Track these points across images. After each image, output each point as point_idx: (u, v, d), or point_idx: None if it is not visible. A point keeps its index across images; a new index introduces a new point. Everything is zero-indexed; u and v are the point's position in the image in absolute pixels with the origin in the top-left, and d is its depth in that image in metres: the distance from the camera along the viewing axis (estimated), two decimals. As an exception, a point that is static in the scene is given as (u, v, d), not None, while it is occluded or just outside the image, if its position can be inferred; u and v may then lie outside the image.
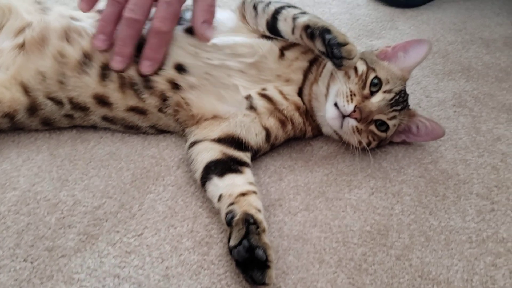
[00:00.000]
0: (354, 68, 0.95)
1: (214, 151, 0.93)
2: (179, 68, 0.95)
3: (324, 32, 0.86)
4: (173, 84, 0.95)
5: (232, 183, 0.88)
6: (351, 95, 0.92)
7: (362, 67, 0.96)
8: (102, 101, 0.95)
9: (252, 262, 0.75)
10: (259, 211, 0.84)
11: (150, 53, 0.91)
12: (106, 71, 0.93)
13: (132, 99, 0.95)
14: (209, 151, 0.93)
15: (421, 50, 1.01)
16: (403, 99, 0.98)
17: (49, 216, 0.86)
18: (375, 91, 0.95)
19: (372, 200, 0.94)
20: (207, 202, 0.91)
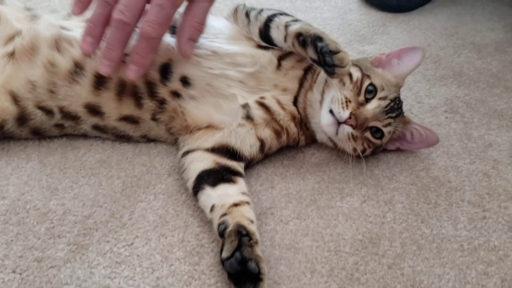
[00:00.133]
0: (349, 75, 0.95)
1: (207, 161, 0.93)
2: (184, 81, 0.94)
3: (316, 39, 0.86)
4: (175, 93, 0.95)
5: (224, 193, 0.88)
6: (346, 102, 0.92)
7: (357, 74, 0.96)
8: (94, 110, 0.94)
9: (245, 275, 0.75)
10: (252, 222, 0.83)
11: (137, 58, 0.85)
12: (101, 79, 0.92)
13: (129, 107, 0.94)
14: (202, 161, 0.93)
15: (414, 57, 1.02)
16: (398, 106, 0.98)
17: (38, 226, 0.85)
18: (370, 98, 0.95)
19: (364, 208, 0.94)
20: (198, 211, 0.90)
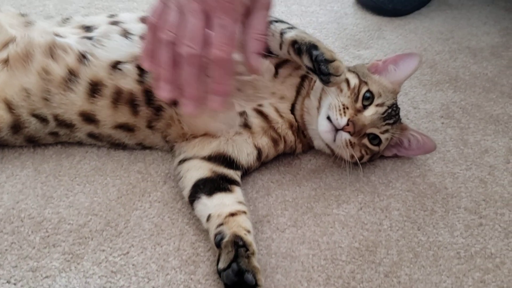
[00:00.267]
0: (347, 81, 0.95)
1: (204, 169, 0.92)
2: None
3: (311, 48, 0.85)
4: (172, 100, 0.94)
5: (221, 203, 0.87)
6: (343, 109, 0.92)
7: (354, 81, 0.96)
8: (89, 118, 0.94)
9: (242, 286, 0.75)
10: (249, 232, 0.83)
11: (217, 87, 0.80)
12: (96, 87, 0.91)
13: (124, 115, 0.94)
14: (198, 169, 0.92)
15: (411, 63, 1.01)
16: (395, 113, 0.98)
17: (33, 235, 0.85)
18: (368, 104, 0.95)
19: (361, 215, 0.94)
20: (194, 219, 0.90)
